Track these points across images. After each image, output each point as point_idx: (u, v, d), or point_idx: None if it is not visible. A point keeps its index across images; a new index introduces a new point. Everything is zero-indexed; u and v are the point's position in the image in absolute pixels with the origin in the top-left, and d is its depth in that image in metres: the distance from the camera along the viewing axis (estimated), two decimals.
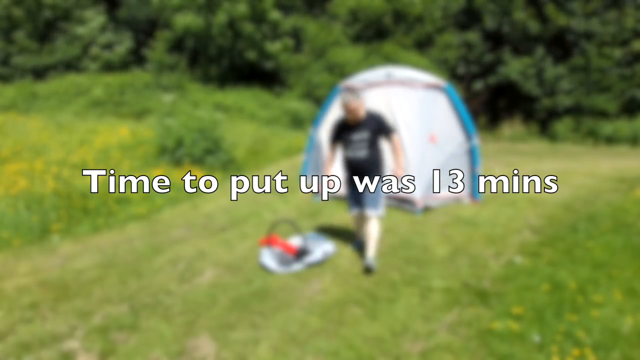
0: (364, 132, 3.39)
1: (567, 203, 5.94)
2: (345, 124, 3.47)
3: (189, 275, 3.33)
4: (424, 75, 5.39)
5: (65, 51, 14.96)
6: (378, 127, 3.44)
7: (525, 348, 2.37)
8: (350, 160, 3.49)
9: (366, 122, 3.41)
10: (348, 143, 3.45)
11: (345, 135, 3.46)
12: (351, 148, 3.44)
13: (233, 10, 12.10)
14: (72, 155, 6.37)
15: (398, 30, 15.01)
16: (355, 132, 3.41)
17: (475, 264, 3.65)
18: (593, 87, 15.80)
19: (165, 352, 2.33)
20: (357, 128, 3.40)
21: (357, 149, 3.42)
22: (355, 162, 3.46)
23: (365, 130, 3.39)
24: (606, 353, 2.32)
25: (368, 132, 3.39)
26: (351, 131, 3.43)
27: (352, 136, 3.42)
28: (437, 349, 2.38)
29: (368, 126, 3.40)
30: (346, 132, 3.46)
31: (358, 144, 3.41)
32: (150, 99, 11.84)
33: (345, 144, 3.49)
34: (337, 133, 3.55)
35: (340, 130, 3.52)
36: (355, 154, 3.43)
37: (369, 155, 3.42)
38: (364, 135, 3.38)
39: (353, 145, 3.43)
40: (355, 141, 3.41)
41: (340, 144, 3.56)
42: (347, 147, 3.48)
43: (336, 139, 3.57)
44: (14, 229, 3.93)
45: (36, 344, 2.37)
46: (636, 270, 3.46)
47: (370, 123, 3.42)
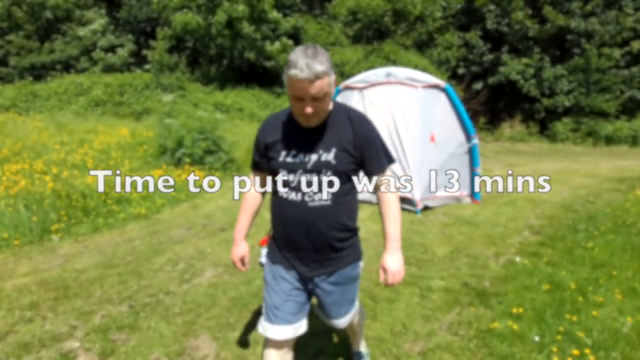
0: (327, 151, 1.50)
1: (567, 203, 5.94)
2: (288, 128, 1.56)
3: (189, 275, 3.33)
4: (424, 75, 5.40)
5: (66, 51, 14.97)
6: (360, 146, 1.52)
7: (525, 348, 2.37)
8: (288, 216, 1.57)
9: (334, 131, 1.52)
10: (289, 173, 1.53)
11: (285, 154, 1.54)
12: (293, 186, 1.53)
13: (232, 10, 12.10)
14: (72, 155, 6.38)
15: (398, 30, 15.01)
16: (307, 150, 1.51)
17: (475, 264, 3.65)
18: (593, 88, 15.81)
19: (165, 352, 2.33)
20: (312, 140, 1.51)
21: (307, 189, 1.51)
22: (298, 221, 1.54)
23: (330, 146, 1.50)
24: (606, 353, 2.32)
25: (336, 151, 1.50)
26: (298, 146, 1.53)
27: (300, 158, 1.52)
28: (437, 349, 2.38)
29: (337, 139, 1.51)
30: (286, 148, 1.54)
31: (310, 177, 1.51)
32: (150, 99, 11.84)
33: (282, 175, 1.55)
34: (265, 148, 1.60)
35: (272, 143, 1.57)
36: (300, 203, 1.52)
37: (332, 206, 1.52)
38: (326, 158, 1.49)
39: (298, 179, 1.52)
40: (305, 170, 1.51)
41: (271, 175, 1.63)
42: (285, 182, 1.55)
43: (262, 161, 1.65)
44: (14, 229, 3.92)
45: (36, 344, 2.37)
46: (636, 270, 3.47)
47: (343, 133, 1.51)
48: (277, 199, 1.63)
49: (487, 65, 16.40)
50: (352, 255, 1.68)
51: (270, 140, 1.59)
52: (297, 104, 1.41)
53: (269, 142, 1.59)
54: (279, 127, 1.59)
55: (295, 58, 1.32)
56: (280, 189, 1.59)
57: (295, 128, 1.53)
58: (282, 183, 1.57)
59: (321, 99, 1.38)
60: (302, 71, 1.30)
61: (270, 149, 1.59)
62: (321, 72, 1.32)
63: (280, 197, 1.60)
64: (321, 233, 1.55)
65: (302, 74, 1.30)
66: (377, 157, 1.57)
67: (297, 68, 1.30)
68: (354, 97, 5.63)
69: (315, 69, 1.30)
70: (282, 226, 1.62)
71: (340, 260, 1.63)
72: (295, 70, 1.31)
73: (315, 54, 1.32)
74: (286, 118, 1.59)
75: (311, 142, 1.52)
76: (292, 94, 1.38)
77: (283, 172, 1.55)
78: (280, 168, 1.55)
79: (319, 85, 1.34)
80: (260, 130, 1.66)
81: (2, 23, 15.00)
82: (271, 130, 1.61)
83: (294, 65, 1.31)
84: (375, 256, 3.47)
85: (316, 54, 1.33)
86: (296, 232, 1.57)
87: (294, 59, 1.32)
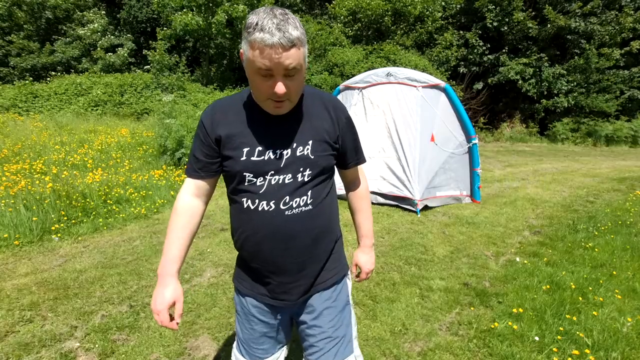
0: (303, 144, 1.20)
1: (567, 203, 5.95)
2: (249, 116, 1.20)
3: (189, 275, 3.33)
4: (424, 76, 5.39)
5: (67, 53, 14.98)
6: (341, 136, 1.29)
7: (525, 348, 2.37)
8: (258, 231, 1.21)
9: (308, 118, 1.23)
10: (255, 177, 1.18)
11: (248, 151, 1.18)
12: (263, 193, 1.19)
13: (233, 9, 12.11)
14: (72, 156, 6.38)
15: (398, 30, 15.01)
16: (277, 144, 1.19)
17: (475, 264, 3.65)
18: (592, 88, 15.83)
19: (165, 352, 2.33)
20: (282, 132, 1.20)
21: (282, 194, 1.19)
22: (272, 236, 1.21)
23: (306, 137, 1.21)
24: (606, 353, 2.32)
25: (313, 143, 1.21)
26: (266, 140, 1.18)
27: (268, 155, 1.18)
28: (437, 349, 2.38)
29: (313, 128, 1.22)
30: (249, 144, 1.18)
31: (284, 178, 1.19)
32: (150, 99, 11.85)
33: (245, 179, 1.19)
34: (217, 143, 1.21)
35: (227, 138, 1.19)
36: (274, 213, 1.19)
37: (313, 211, 1.23)
38: (303, 153, 1.20)
39: (269, 183, 1.19)
40: (277, 171, 1.18)
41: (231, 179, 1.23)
42: (250, 188, 1.20)
43: (210, 162, 1.24)
44: (14, 229, 3.92)
45: (36, 344, 2.37)
46: (636, 270, 3.47)
47: (319, 120, 1.24)
48: (241, 211, 1.21)
49: (486, 65, 16.42)
50: (339, 270, 1.38)
51: (224, 132, 1.18)
52: (262, 83, 1.06)
53: (222, 135, 1.18)
54: (234, 115, 1.19)
55: (260, 19, 1.00)
56: (243, 197, 1.19)
57: (259, 116, 1.17)
58: (245, 189, 1.18)
59: (296, 75, 1.07)
60: (273, 35, 0.98)
61: (224, 146, 1.18)
62: (296, 39, 1.01)
63: (244, 209, 1.20)
64: (303, 246, 1.22)
65: (273, 38, 0.98)
66: (356, 147, 1.36)
67: (265, 31, 0.98)
68: (354, 97, 5.63)
69: (290, 33, 1.00)
70: (251, 245, 1.23)
71: (325, 278, 1.33)
72: (263, 33, 0.98)
73: (285, 16, 1.02)
74: (243, 104, 1.21)
75: (282, 134, 1.18)
76: (254, 68, 1.04)
77: (247, 175, 1.16)
78: (243, 171, 1.16)
79: (294, 55, 1.02)
80: (206, 119, 1.20)
81: (2, 23, 15.01)
82: (222, 119, 1.19)
83: (261, 27, 0.99)
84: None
85: (286, 15, 1.02)
86: (271, 250, 1.21)
87: (259, 19, 1.00)
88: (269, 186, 1.18)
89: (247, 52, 1.04)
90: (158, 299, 1.18)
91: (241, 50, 1.08)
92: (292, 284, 1.27)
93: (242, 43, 1.06)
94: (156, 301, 1.18)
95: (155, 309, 1.18)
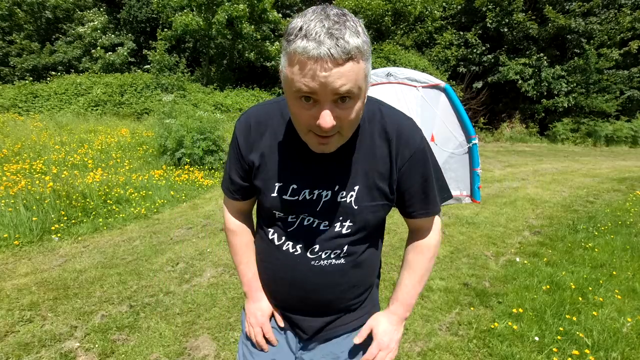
0: (347, 189, 0.93)
1: (567, 203, 5.95)
2: (286, 143, 0.95)
3: (189, 275, 3.33)
4: (424, 76, 5.38)
5: (68, 53, 14.99)
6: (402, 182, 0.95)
7: (525, 348, 2.37)
8: (277, 271, 1.05)
9: (360, 153, 0.92)
10: (286, 214, 0.98)
11: (280, 188, 0.96)
12: (291, 233, 0.99)
13: (233, 9, 12.12)
14: (72, 155, 6.38)
15: (398, 30, 15.02)
16: (316, 183, 0.94)
17: (475, 264, 3.65)
18: (592, 88, 15.85)
19: (165, 352, 2.33)
20: (324, 169, 0.93)
21: (313, 241, 0.97)
22: (292, 283, 1.03)
23: (353, 180, 0.93)
24: (606, 353, 2.32)
25: (361, 188, 0.93)
26: (302, 177, 0.94)
27: (304, 195, 0.95)
28: (437, 349, 2.38)
29: (364, 168, 0.93)
30: (282, 179, 0.96)
31: (319, 225, 0.96)
32: (150, 99, 11.86)
33: (274, 215, 1.00)
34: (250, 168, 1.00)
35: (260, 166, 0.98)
36: (299, 258, 0.99)
37: (346, 267, 1.00)
38: (345, 200, 0.94)
39: (300, 225, 0.98)
40: (311, 214, 0.96)
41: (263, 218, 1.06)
42: (279, 225, 1.01)
43: (244, 185, 1.05)
44: (14, 229, 3.92)
45: (36, 344, 2.37)
46: (636, 270, 3.47)
47: (374, 157, 0.93)
48: (264, 240, 1.06)
49: (486, 65, 16.43)
50: (368, 310, 1.12)
51: (257, 159, 0.96)
52: (302, 111, 0.77)
53: (255, 162, 0.97)
54: (271, 135, 0.95)
55: (305, 22, 0.70)
56: (270, 227, 1.03)
57: (298, 144, 0.90)
58: (274, 222, 1.02)
59: (351, 101, 0.76)
60: (320, 43, 0.68)
61: (255, 175, 0.98)
62: (354, 48, 0.70)
63: (269, 240, 1.04)
64: (326, 301, 1.03)
65: (320, 47, 0.68)
66: (426, 193, 0.97)
67: (311, 38, 0.69)
68: None
69: (346, 41, 0.69)
70: (266, 280, 1.10)
71: (348, 320, 1.09)
72: (306, 41, 0.69)
73: (343, 17, 0.71)
74: (282, 123, 0.95)
75: (323, 171, 0.92)
76: (293, 90, 0.75)
77: (277, 212, 0.99)
78: (272, 208, 0.98)
79: (350, 73, 0.71)
80: (241, 135, 0.98)
81: (2, 23, 15.03)
82: (258, 139, 0.96)
83: (305, 33, 0.69)
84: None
85: (344, 17, 0.72)
86: (287, 294, 1.06)
87: (304, 22, 0.71)
88: (299, 226, 0.98)
89: (284, 69, 0.75)
90: (258, 313, 1.11)
91: (280, 68, 0.79)
92: (302, 323, 1.08)
93: (281, 56, 0.77)
94: (256, 315, 1.11)
95: (258, 322, 1.10)
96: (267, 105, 0.99)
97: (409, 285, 1.06)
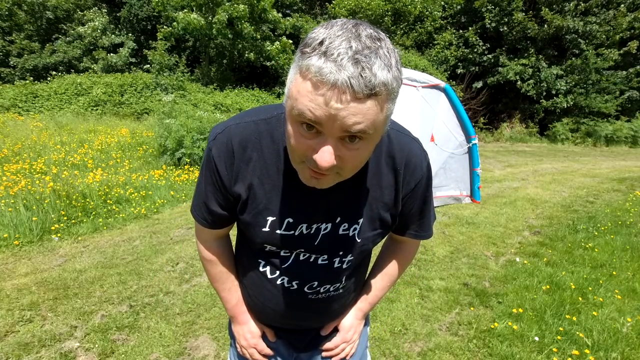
0: (350, 222, 0.86)
1: (567, 203, 5.95)
2: (280, 171, 0.81)
3: (189, 275, 3.33)
4: (424, 76, 5.39)
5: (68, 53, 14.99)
6: (405, 213, 0.92)
7: (525, 348, 2.37)
8: (270, 303, 0.98)
9: (365, 183, 0.83)
10: (280, 249, 0.88)
11: (274, 222, 0.84)
12: (287, 268, 0.91)
13: (233, 9, 12.12)
14: (72, 155, 6.38)
15: (398, 31, 15.03)
16: (314, 216, 0.84)
17: (475, 264, 3.65)
18: (591, 88, 15.85)
19: (165, 352, 2.33)
20: (324, 200, 0.82)
21: (310, 278, 0.92)
22: (287, 312, 0.98)
23: (356, 213, 0.85)
24: (606, 353, 2.32)
25: (364, 222, 0.87)
26: (299, 209, 0.83)
27: (301, 230, 0.85)
28: (437, 349, 2.38)
29: (368, 200, 0.85)
30: (275, 213, 0.83)
31: (316, 260, 0.90)
32: (150, 99, 11.86)
33: (268, 247, 0.89)
34: (234, 199, 0.85)
35: (248, 197, 0.83)
36: (296, 292, 0.94)
37: (344, 293, 1.00)
38: (347, 233, 0.87)
39: (295, 261, 0.90)
40: (308, 249, 0.88)
41: (250, 248, 0.94)
42: (272, 260, 0.92)
43: (222, 215, 0.90)
44: (14, 229, 3.92)
45: (36, 344, 2.37)
46: (636, 270, 3.47)
47: (379, 189, 0.85)
48: (253, 273, 0.96)
49: (486, 65, 16.44)
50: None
51: (244, 191, 0.82)
52: (300, 138, 0.65)
53: (242, 194, 0.83)
54: (259, 161, 0.81)
55: (330, 35, 0.58)
56: (261, 260, 0.93)
57: (294, 174, 0.77)
58: (265, 256, 0.92)
59: (361, 142, 0.64)
60: (341, 68, 0.56)
61: (241, 208, 0.85)
62: (381, 84, 0.58)
63: (259, 272, 0.94)
64: (320, 324, 1.07)
65: (341, 73, 0.56)
66: (421, 216, 0.95)
67: (331, 58, 0.56)
68: None
69: (374, 73, 0.57)
70: (253, 307, 1.05)
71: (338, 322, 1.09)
72: (325, 61, 0.57)
73: (377, 42, 0.59)
74: (272, 148, 0.80)
75: (323, 202, 0.82)
76: (295, 112, 0.62)
77: (268, 247, 0.88)
78: (264, 243, 0.87)
79: (369, 111, 0.59)
80: (220, 162, 0.81)
81: (2, 23, 15.03)
82: (243, 166, 0.81)
83: (326, 50, 0.57)
84: None
85: (379, 42, 0.59)
86: (278, 321, 1.04)
87: (327, 36, 0.58)
88: (295, 262, 0.89)
89: (291, 84, 0.63)
90: (248, 335, 1.07)
91: (286, 82, 0.66)
92: (296, 332, 1.08)
93: (291, 67, 0.64)
94: (246, 338, 1.07)
95: (250, 344, 1.07)
96: (251, 125, 0.81)
97: (379, 289, 1.08)
